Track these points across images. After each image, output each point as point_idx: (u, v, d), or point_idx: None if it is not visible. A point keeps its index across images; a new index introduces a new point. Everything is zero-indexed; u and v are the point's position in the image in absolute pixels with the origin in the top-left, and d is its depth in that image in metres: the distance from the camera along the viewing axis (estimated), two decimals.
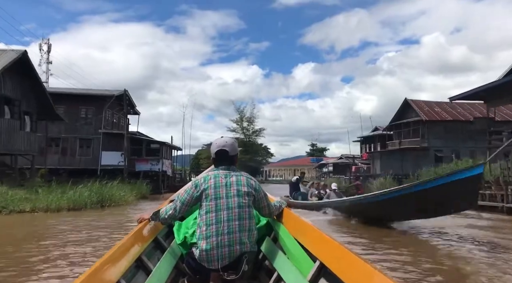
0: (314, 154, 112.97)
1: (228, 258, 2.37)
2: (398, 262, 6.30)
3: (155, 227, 2.81)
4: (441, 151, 35.25)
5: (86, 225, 11.26)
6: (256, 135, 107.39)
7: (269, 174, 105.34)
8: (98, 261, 1.91)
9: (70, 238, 8.77)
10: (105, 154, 29.36)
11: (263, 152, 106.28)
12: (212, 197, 2.46)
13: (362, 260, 1.82)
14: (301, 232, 2.53)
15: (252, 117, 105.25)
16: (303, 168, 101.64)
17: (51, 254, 6.81)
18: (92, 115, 29.62)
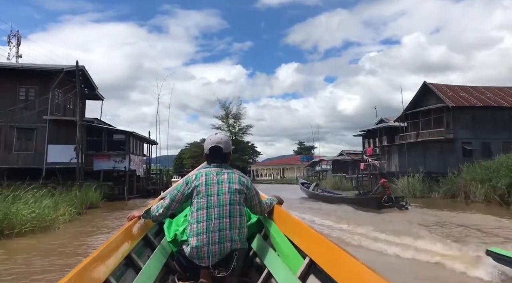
0: (302, 152, 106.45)
1: (218, 255, 2.32)
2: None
3: (145, 224, 2.73)
4: (469, 143, 28.41)
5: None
6: (243, 133, 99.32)
7: (256, 173, 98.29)
8: (86, 259, 1.83)
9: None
10: (52, 149, 21.45)
11: (250, 150, 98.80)
12: (203, 194, 2.40)
13: (351, 256, 1.77)
14: (291, 229, 2.49)
15: (238, 114, 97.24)
16: (292, 167, 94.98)
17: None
18: (35, 96, 21.44)
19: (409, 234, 8.34)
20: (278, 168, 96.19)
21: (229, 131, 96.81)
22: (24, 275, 5.72)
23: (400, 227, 10.15)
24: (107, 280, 1.93)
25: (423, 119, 30.47)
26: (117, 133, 23.95)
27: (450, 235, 9.15)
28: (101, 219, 12.93)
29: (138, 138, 26.08)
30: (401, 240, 7.61)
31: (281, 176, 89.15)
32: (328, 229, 9.78)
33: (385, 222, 11.59)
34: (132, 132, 23.68)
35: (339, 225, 10.51)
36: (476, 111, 28.91)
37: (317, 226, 10.50)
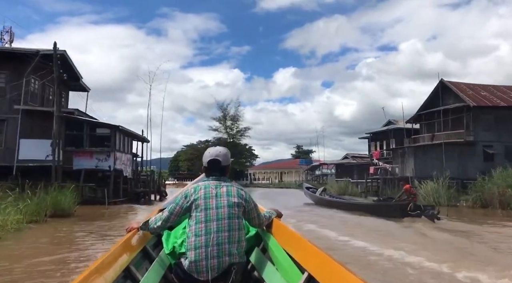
0: (300, 156, 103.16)
1: (217, 269, 2.29)
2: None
3: (143, 236, 2.71)
4: (491, 146, 25.45)
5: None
6: (241, 135, 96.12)
7: (254, 177, 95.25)
8: (85, 271, 1.83)
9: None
10: (25, 143, 18.27)
11: (248, 153, 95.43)
12: (202, 208, 2.38)
13: (349, 272, 1.76)
14: (290, 243, 2.46)
15: (236, 116, 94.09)
16: (290, 171, 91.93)
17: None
18: (6, 82, 18.19)
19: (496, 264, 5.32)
20: (276, 172, 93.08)
21: (226, 133, 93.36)
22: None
23: (474, 249, 7.12)
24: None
25: (439, 120, 27.41)
26: (101, 127, 20.65)
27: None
28: (50, 235, 9.61)
29: (126, 134, 22.80)
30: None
31: (279, 180, 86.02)
32: (377, 258, 6.64)
33: (437, 243, 8.64)
34: (118, 126, 20.45)
35: (378, 248, 7.43)
36: (499, 112, 26.26)
37: (353, 251, 7.41)
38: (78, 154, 19.40)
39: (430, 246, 8.16)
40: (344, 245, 8.19)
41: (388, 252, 7.07)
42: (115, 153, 20.20)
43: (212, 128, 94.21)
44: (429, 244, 8.33)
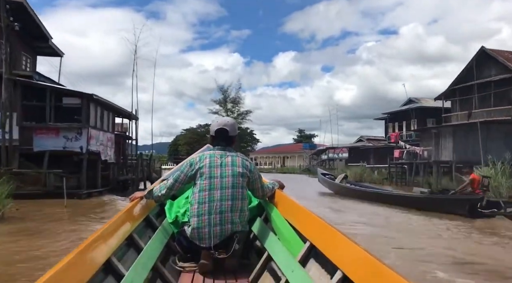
0: (302, 140, 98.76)
1: (219, 236, 2.33)
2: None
3: (146, 205, 2.71)
4: None
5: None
6: (242, 119, 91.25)
7: (255, 162, 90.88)
8: (88, 238, 1.78)
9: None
10: None
11: (249, 137, 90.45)
12: (207, 176, 2.39)
13: (351, 241, 1.73)
14: (292, 213, 2.44)
15: (237, 99, 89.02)
16: (293, 155, 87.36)
17: None
18: None
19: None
20: (278, 156, 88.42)
21: (227, 116, 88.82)
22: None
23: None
24: (109, 259, 1.88)
25: (479, 95, 22.60)
26: (69, 96, 15.73)
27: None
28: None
29: (105, 107, 17.90)
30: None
31: (281, 165, 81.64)
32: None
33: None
34: (91, 95, 15.55)
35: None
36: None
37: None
38: (40, 131, 14.63)
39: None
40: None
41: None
42: (88, 129, 15.40)
43: (212, 111, 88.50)
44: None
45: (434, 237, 8.24)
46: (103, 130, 17.68)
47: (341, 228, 2.06)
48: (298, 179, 39.35)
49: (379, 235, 8.16)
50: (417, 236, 8.38)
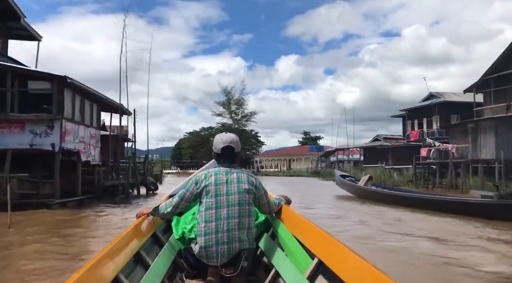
0: (307, 143, 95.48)
1: (227, 255, 2.30)
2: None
3: (153, 222, 2.71)
4: None
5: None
6: (246, 121, 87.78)
7: (260, 165, 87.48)
8: (97, 256, 1.81)
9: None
10: None
11: (253, 140, 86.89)
12: (213, 194, 2.36)
13: (360, 257, 1.72)
14: (299, 229, 2.41)
15: (241, 100, 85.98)
16: (299, 157, 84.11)
17: None
18: None
19: None
20: (284, 159, 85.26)
21: (231, 118, 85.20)
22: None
23: None
24: (116, 277, 1.90)
25: None
26: (37, 80, 12.46)
27: None
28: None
29: (87, 96, 14.64)
30: None
31: (287, 168, 78.42)
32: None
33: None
34: (64, 77, 12.29)
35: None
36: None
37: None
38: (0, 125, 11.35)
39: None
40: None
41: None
42: (62, 122, 12.15)
43: (216, 113, 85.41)
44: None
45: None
46: (84, 124, 14.48)
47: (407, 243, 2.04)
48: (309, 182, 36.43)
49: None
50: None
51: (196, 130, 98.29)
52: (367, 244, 6.97)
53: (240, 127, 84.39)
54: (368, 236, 8.18)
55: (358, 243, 6.83)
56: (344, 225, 9.63)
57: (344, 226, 9.39)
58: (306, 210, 11.85)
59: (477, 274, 5.35)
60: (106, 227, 9.19)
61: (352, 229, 9.10)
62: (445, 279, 5.15)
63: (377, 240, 7.71)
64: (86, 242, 7.40)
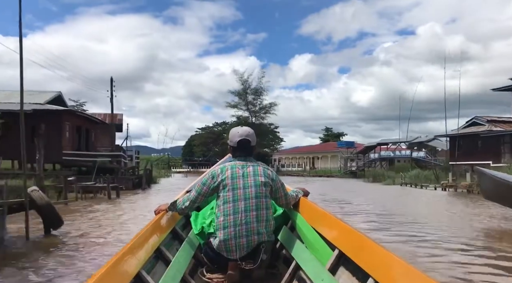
0: (329, 139, 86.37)
1: (246, 248, 2.35)
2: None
3: (172, 217, 2.73)
4: None
5: None
6: (265, 113, 75.30)
7: (280, 163, 75.66)
8: (118, 253, 1.83)
9: None
10: None
11: (271, 136, 73.77)
12: (230, 188, 2.40)
13: (382, 247, 1.76)
14: (319, 221, 2.43)
15: (259, 89, 73.67)
16: (325, 155, 72.24)
17: None
18: None
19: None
20: (307, 157, 73.44)
21: (247, 110, 72.90)
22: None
23: None
24: (138, 273, 1.92)
25: None
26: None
27: None
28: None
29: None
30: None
31: (310, 166, 66.57)
32: None
33: None
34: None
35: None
36: None
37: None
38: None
39: None
40: None
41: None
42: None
43: (230, 104, 73.12)
44: None
45: None
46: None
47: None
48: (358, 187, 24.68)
49: None
50: None
51: (209, 125, 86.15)
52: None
53: (257, 120, 71.92)
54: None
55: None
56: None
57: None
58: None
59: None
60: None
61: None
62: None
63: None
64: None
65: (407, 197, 19.47)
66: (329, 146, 75.46)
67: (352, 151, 61.54)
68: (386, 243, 6.48)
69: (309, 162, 76.34)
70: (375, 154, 48.55)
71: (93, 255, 6.24)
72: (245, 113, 71.46)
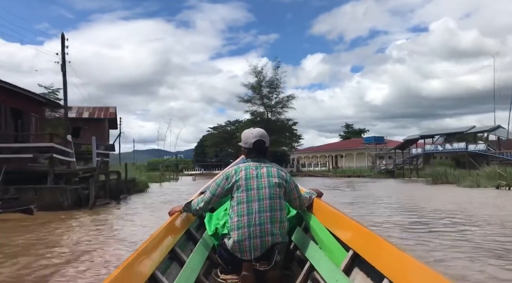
0: (350, 137, 79.49)
1: (260, 249, 2.37)
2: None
3: (186, 218, 2.82)
4: None
5: None
6: (282, 107, 67.06)
7: (299, 163, 67.72)
8: (133, 253, 1.84)
9: None
10: None
11: (289, 134, 65.39)
12: (243, 188, 2.44)
13: (397, 248, 1.73)
14: (333, 222, 2.43)
15: (275, 82, 65.62)
16: (349, 153, 64.37)
17: None
18: None
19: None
20: (329, 155, 65.34)
21: (262, 104, 64.78)
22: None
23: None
24: (153, 273, 1.96)
25: None
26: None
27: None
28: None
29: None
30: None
31: (333, 166, 58.51)
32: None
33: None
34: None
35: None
36: None
37: None
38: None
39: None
40: None
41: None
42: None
43: (243, 99, 65.15)
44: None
45: None
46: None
47: None
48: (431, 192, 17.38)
49: None
50: None
51: (221, 125, 78.45)
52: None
53: (274, 115, 63.96)
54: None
55: None
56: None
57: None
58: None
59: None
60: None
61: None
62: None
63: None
64: None
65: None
66: (354, 142, 68.06)
67: (381, 147, 53.74)
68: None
69: (331, 160, 68.59)
70: (417, 149, 40.66)
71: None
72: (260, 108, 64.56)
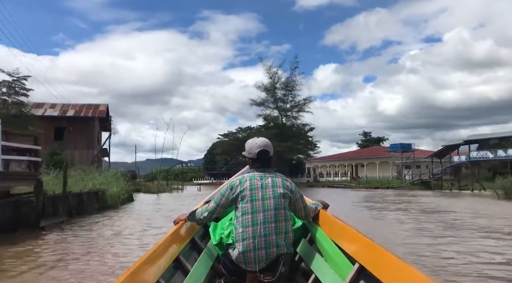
0: (368, 145, 75.38)
1: (265, 260, 2.36)
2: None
3: (191, 227, 2.85)
4: None
5: None
6: (298, 111, 61.45)
7: (314, 172, 61.96)
8: (137, 261, 1.87)
9: None
10: None
11: (304, 141, 59.84)
12: (248, 199, 2.41)
13: (402, 261, 1.70)
14: (339, 234, 2.40)
15: (291, 83, 60.13)
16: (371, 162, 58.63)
17: None
18: None
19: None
20: (348, 164, 59.46)
21: (276, 108, 59.19)
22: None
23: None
24: (157, 281, 1.97)
25: None
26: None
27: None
28: None
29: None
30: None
31: (353, 176, 52.54)
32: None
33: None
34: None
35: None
36: None
37: None
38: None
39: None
40: None
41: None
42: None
43: (255, 102, 59.83)
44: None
45: None
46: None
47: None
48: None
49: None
50: None
51: (232, 131, 73.48)
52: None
53: (288, 120, 58.34)
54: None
55: None
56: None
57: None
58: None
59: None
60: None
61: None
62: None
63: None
64: None
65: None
66: (375, 150, 62.88)
67: (408, 156, 48.06)
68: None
69: (351, 170, 62.86)
70: (460, 157, 35.07)
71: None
72: (274, 112, 59.43)
